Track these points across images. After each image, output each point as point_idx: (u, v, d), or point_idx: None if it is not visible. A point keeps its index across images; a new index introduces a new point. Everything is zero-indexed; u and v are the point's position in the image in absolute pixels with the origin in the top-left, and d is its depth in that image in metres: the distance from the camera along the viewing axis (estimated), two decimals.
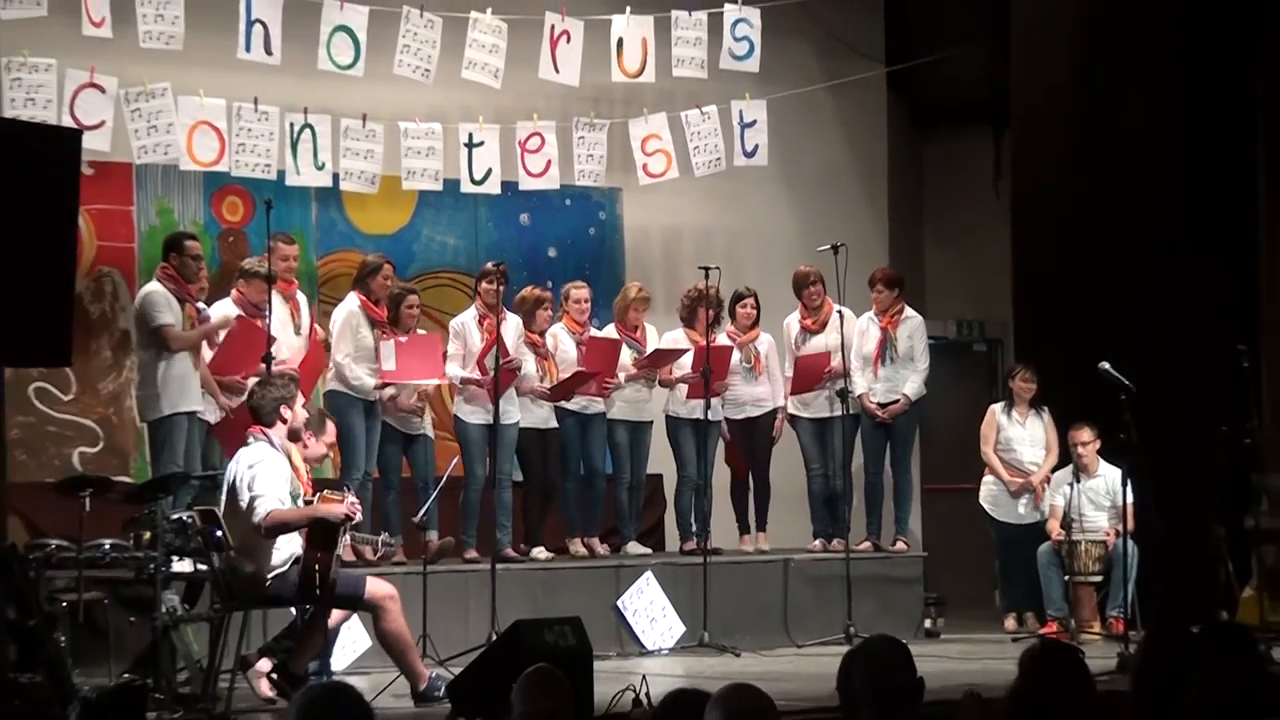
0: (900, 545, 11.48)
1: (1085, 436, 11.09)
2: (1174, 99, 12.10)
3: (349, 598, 8.26)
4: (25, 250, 6.40)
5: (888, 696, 4.53)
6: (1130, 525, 10.61)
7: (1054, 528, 11.21)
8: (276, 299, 9.77)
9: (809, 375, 11.19)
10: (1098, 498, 11.14)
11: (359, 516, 8.78)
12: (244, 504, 8.09)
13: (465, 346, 10.66)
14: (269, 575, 8.16)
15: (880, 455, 11.50)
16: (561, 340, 11.07)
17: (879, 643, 4.87)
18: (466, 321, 10.72)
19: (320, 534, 8.06)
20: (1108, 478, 10.99)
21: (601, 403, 11.09)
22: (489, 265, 10.99)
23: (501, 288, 10.59)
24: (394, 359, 10.36)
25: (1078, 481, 11.08)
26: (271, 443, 8.23)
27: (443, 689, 8.11)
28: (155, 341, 9.46)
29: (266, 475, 8.10)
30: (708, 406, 10.92)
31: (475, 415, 10.61)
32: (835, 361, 11.17)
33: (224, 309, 10.08)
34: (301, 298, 10.54)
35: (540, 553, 10.77)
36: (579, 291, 11.15)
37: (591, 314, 11.25)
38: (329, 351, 10.30)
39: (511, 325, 10.78)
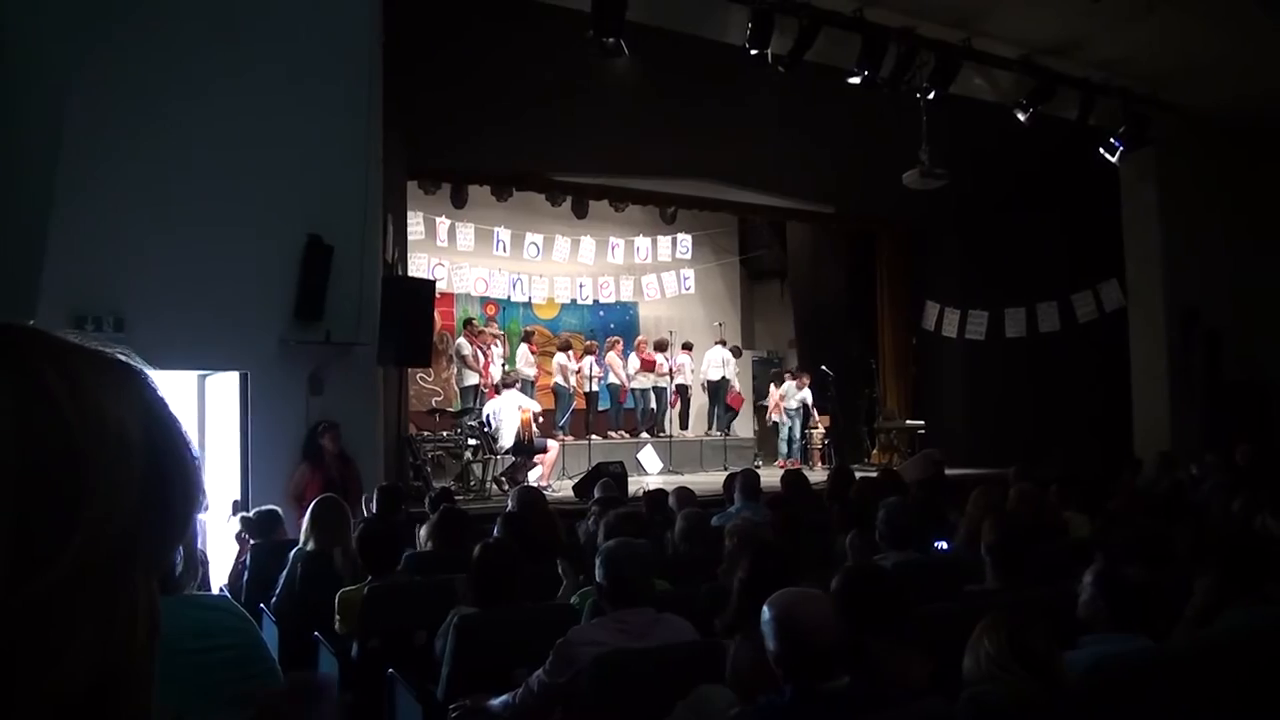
0: (745, 436, 11.67)
1: (803, 380, 11.09)
2: (846, 266, 12.25)
3: (541, 449, 8.72)
4: (416, 324, 6.83)
5: (750, 490, 5.14)
6: (825, 423, 11.12)
7: (777, 413, 10.94)
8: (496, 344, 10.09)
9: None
10: (797, 397, 10.96)
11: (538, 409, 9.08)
12: (516, 408, 8.43)
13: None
14: (507, 443, 8.47)
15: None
16: (632, 361, 11.01)
17: (749, 471, 5.61)
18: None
19: (526, 428, 8.49)
20: (803, 392, 10.99)
21: (628, 379, 10.93)
22: (582, 340, 11.15)
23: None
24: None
25: (797, 391, 11.06)
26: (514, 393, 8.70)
27: (549, 487, 8.00)
28: (462, 361, 9.79)
29: (523, 398, 8.74)
30: (671, 381, 11.15)
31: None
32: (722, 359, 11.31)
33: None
34: (510, 342, 10.66)
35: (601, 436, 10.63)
36: (616, 340, 11.13)
37: (623, 350, 11.06)
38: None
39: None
